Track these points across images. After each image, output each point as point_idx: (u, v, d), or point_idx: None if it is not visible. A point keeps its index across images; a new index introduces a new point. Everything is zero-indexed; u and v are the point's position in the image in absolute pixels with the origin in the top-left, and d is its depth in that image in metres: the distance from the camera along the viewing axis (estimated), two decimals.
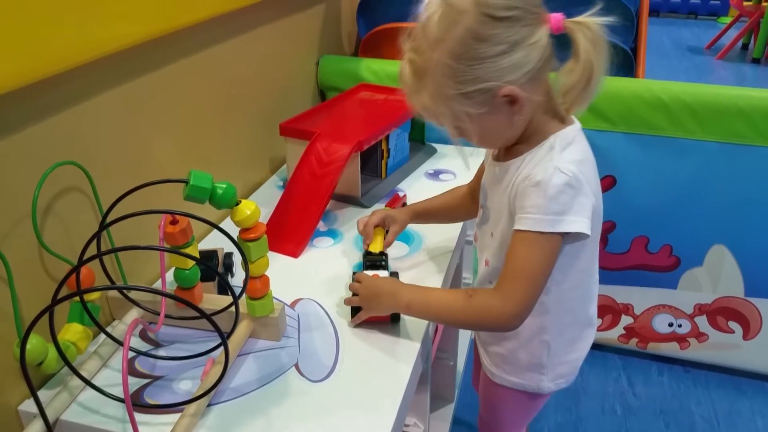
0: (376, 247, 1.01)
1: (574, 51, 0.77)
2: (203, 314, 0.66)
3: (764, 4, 4.94)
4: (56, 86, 0.81)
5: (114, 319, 0.95)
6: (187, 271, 0.84)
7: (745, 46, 5.28)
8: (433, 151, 1.54)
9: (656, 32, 5.53)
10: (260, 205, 0.82)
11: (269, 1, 1.31)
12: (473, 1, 0.73)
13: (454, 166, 1.45)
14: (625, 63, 1.65)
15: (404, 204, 1.24)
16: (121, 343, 0.84)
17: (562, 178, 0.76)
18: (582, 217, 0.78)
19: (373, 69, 1.63)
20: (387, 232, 1.05)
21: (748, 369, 1.73)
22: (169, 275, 0.95)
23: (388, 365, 0.86)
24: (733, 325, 1.66)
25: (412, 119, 1.46)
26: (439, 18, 0.75)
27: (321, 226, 1.22)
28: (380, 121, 1.33)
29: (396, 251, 1.12)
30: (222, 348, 0.71)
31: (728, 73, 4.71)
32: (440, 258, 1.10)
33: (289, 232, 1.15)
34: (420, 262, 1.09)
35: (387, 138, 1.35)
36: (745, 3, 5.17)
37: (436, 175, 1.43)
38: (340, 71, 1.65)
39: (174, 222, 0.80)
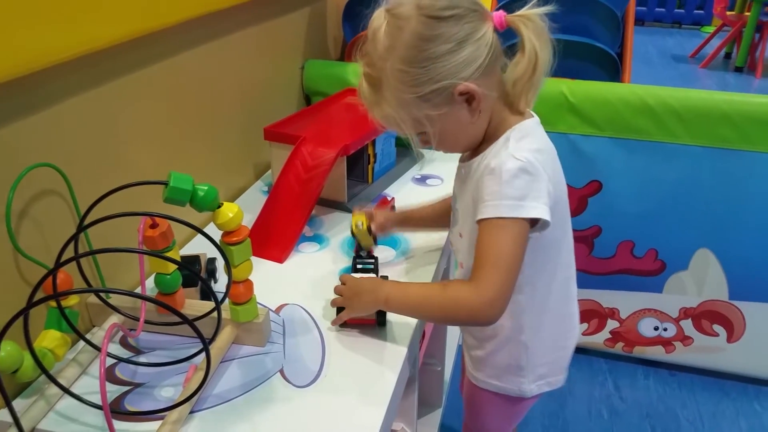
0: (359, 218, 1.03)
1: (519, 43, 0.78)
2: (185, 319, 0.65)
3: (746, 13, 5.01)
4: (32, 87, 0.79)
5: (94, 326, 0.93)
6: (168, 276, 0.82)
7: (728, 55, 5.35)
8: (421, 156, 1.53)
9: (641, 41, 5.58)
10: (245, 210, 0.80)
11: (253, 4, 1.30)
12: (415, 5, 0.76)
13: (442, 171, 1.45)
14: (612, 68, 1.66)
15: (393, 207, 1.24)
16: (99, 349, 0.83)
17: (515, 164, 0.77)
18: (541, 204, 0.77)
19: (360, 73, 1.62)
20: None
21: (732, 371, 1.74)
22: (150, 282, 0.93)
23: (374, 370, 0.85)
24: (717, 328, 1.66)
25: None
26: (386, 28, 0.77)
27: (306, 231, 1.20)
28: (366, 126, 1.31)
29: (383, 255, 1.11)
30: (204, 354, 0.69)
31: (712, 81, 4.76)
32: (427, 262, 1.09)
33: (274, 237, 1.14)
34: (407, 266, 1.08)
35: (373, 143, 1.34)
36: (728, 13, 5.24)
37: (423, 180, 1.42)
38: (325, 75, 1.64)
39: (154, 225, 0.79)
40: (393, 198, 1.28)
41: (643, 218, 1.56)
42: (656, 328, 1.71)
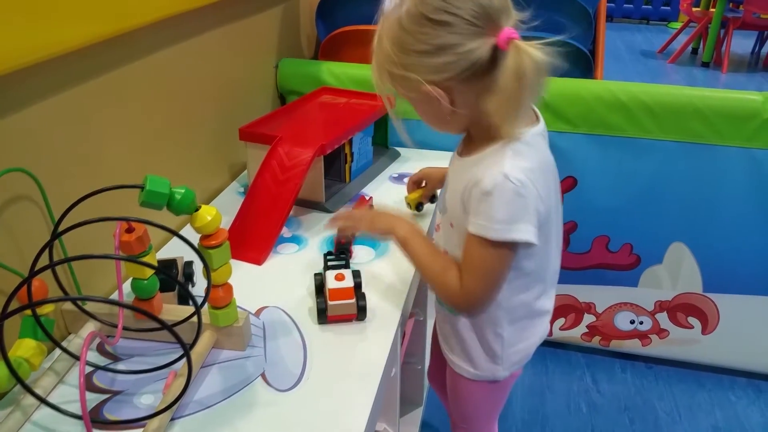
0: (413, 198, 1.20)
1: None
2: (164, 325, 0.64)
3: (711, 9, 5.10)
4: (1, 90, 0.77)
5: (69, 334, 0.91)
6: (145, 281, 0.81)
7: (695, 51, 5.46)
8: (397, 154, 1.53)
9: (610, 37, 5.66)
10: (221, 212, 0.79)
11: (225, 3, 1.28)
12: None
13: (418, 169, 1.44)
14: (585, 65, 1.67)
15: (371, 206, 1.24)
16: (77, 358, 0.81)
17: (509, 187, 0.76)
18: (530, 226, 0.78)
19: (335, 72, 1.62)
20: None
21: (707, 363, 1.77)
22: (126, 287, 0.92)
23: (357, 371, 0.84)
24: (692, 320, 1.69)
25: (376, 123, 1.45)
26: (389, 7, 0.78)
27: (285, 232, 1.19)
28: (343, 125, 1.31)
29: (362, 256, 1.10)
30: (184, 360, 0.68)
31: (680, 76, 4.85)
32: (406, 263, 1.09)
33: (252, 239, 1.13)
34: (387, 266, 1.08)
35: (350, 142, 1.34)
36: (693, 9, 5.33)
37: (400, 178, 1.42)
38: (300, 74, 1.63)
39: (130, 230, 0.77)
40: (371, 197, 1.28)
41: (617, 213, 1.58)
42: (632, 322, 1.74)
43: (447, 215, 0.93)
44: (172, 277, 0.69)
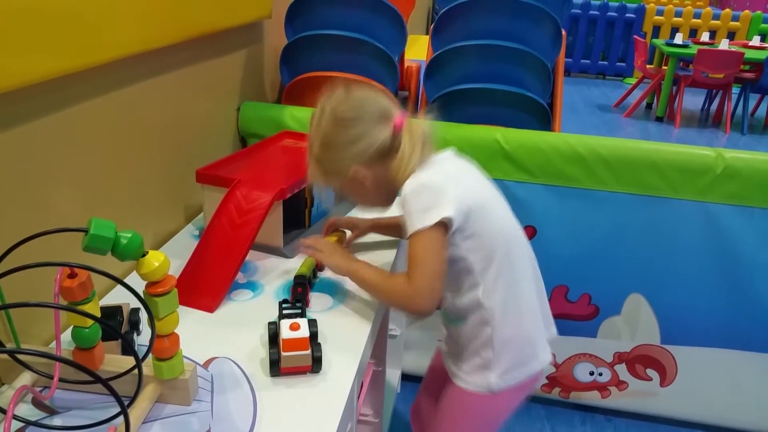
0: (331, 239, 1.18)
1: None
2: (99, 380, 0.59)
3: (664, 67, 5.33)
4: None
5: (3, 384, 0.85)
6: (86, 330, 0.76)
7: (649, 106, 5.68)
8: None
9: (568, 91, 5.84)
10: (174, 255, 0.76)
11: (187, 45, 1.27)
12: (333, 108, 0.99)
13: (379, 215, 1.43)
14: (544, 117, 1.70)
15: (343, 232, 1.24)
16: (5, 412, 0.75)
17: (414, 184, 0.95)
18: (445, 207, 0.92)
19: (297, 116, 1.61)
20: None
21: (666, 415, 1.77)
22: (67, 335, 0.87)
23: (310, 428, 0.80)
24: (650, 372, 1.69)
25: None
26: (316, 115, 1.01)
27: (240, 277, 1.15)
28: (304, 169, 1.29)
29: (319, 304, 1.07)
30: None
31: (635, 129, 5.01)
32: (365, 310, 1.07)
33: (205, 284, 1.09)
34: (345, 315, 1.05)
35: (311, 186, 1.32)
36: (647, 66, 5.56)
37: None
38: (262, 118, 1.62)
39: (72, 275, 0.73)
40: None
41: (576, 263, 1.59)
42: (591, 373, 1.73)
43: None
44: (113, 328, 0.65)
